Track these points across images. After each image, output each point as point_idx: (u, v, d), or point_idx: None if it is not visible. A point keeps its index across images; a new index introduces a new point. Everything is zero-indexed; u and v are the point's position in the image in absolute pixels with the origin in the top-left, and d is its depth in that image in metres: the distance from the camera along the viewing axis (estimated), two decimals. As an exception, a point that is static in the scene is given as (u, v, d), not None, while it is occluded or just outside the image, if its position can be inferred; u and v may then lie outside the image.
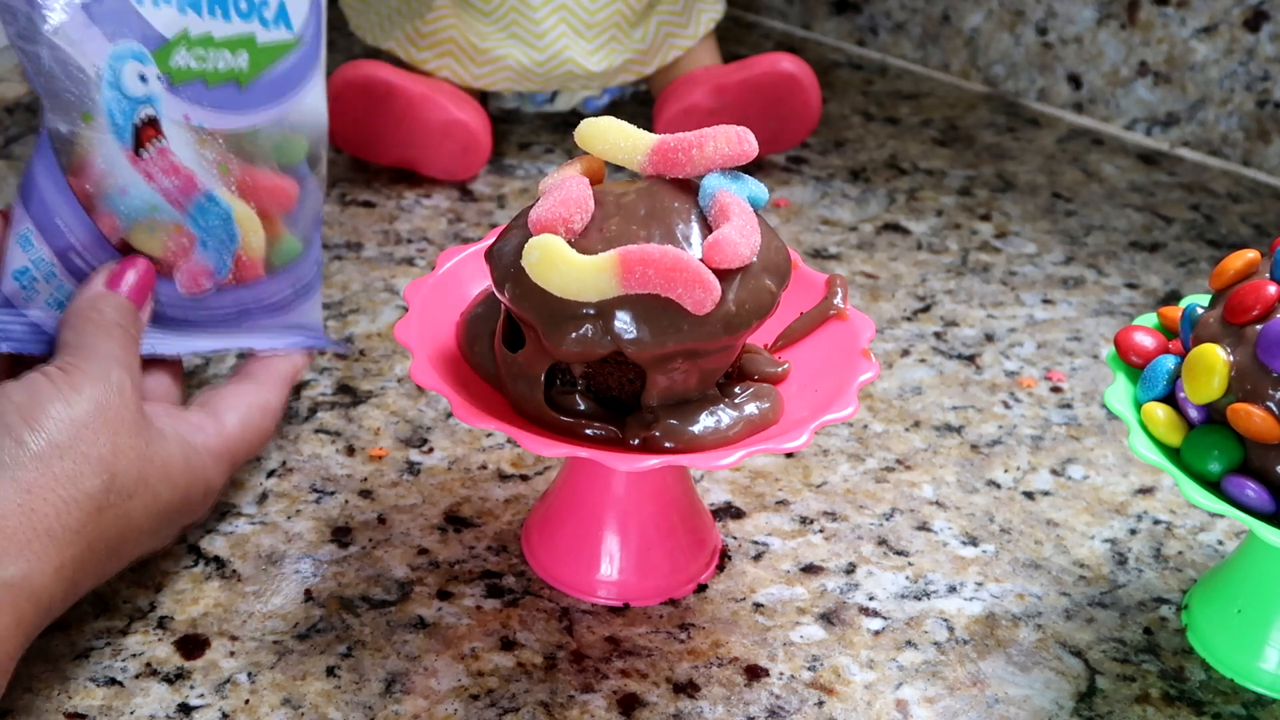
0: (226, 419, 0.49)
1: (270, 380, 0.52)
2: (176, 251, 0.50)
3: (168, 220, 0.50)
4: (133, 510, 0.44)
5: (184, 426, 0.48)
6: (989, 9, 0.90)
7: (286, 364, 0.54)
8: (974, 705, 0.48)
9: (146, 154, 0.48)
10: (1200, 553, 0.55)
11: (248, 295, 0.53)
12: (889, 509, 0.56)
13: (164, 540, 0.48)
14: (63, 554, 0.42)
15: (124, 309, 0.47)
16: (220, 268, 0.52)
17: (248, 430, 0.50)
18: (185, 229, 0.50)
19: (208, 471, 0.48)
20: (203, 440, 0.48)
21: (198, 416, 0.49)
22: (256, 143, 0.51)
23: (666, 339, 0.42)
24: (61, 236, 0.48)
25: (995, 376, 0.65)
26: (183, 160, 0.49)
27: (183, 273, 0.51)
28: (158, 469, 0.45)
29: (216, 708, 0.46)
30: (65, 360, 0.45)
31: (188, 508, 0.47)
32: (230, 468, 0.49)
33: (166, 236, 0.50)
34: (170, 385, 0.51)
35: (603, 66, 0.77)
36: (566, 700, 0.47)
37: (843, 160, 0.82)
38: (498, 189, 0.77)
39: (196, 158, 0.50)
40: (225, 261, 0.52)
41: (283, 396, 0.53)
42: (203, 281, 0.51)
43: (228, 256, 0.52)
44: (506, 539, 0.53)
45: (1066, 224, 0.77)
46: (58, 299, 0.49)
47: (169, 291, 0.51)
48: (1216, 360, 0.44)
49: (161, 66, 0.48)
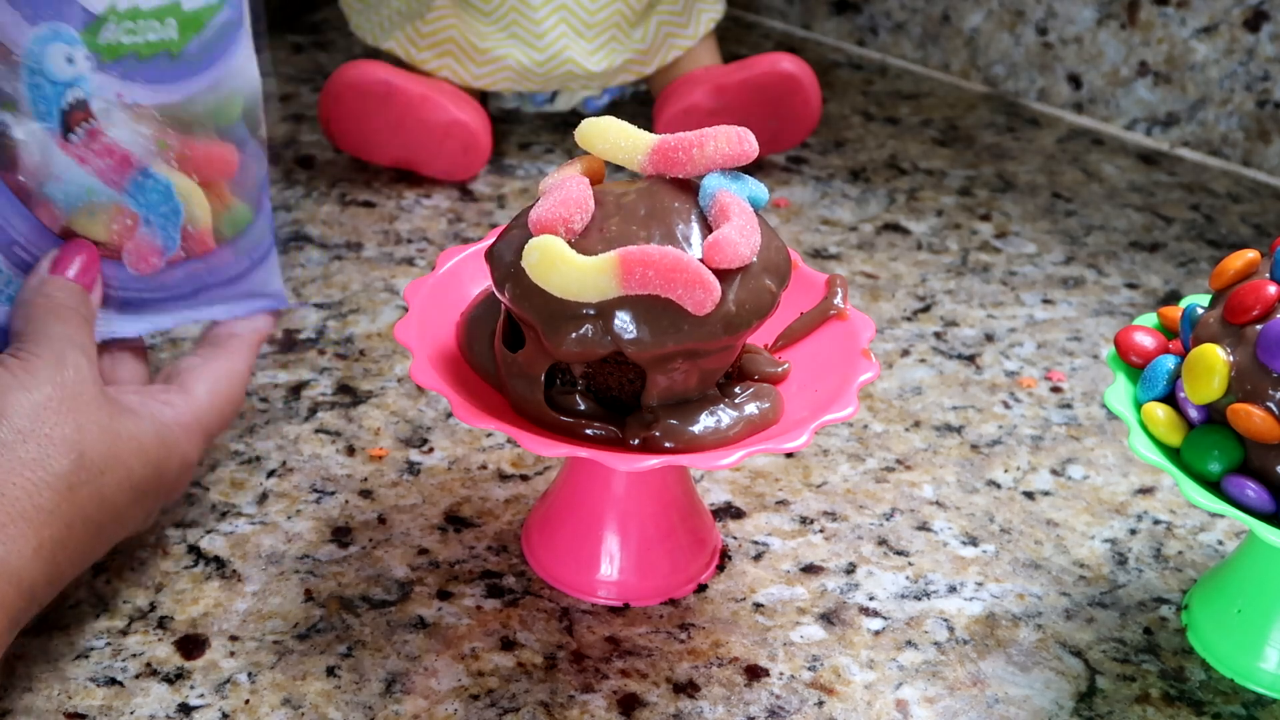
0: (196, 391, 0.50)
1: (236, 347, 0.52)
2: (121, 232, 0.50)
3: (106, 202, 0.49)
4: (106, 487, 0.44)
5: (153, 403, 0.48)
6: (989, 9, 0.90)
7: (250, 329, 0.53)
8: (974, 705, 0.48)
9: (76, 137, 0.47)
10: (1200, 553, 0.55)
11: (201, 267, 0.52)
12: (889, 509, 0.56)
13: (146, 519, 0.48)
14: (39, 535, 0.42)
15: (73, 291, 0.47)
16: (168, 243, 0.51)
17: (218, 400, 0.50)
18: (126, 208, 0.49)
19: (182, 445, 0.48)
20: (173, 414, 0.48)
21: (166, 392, 0.49)
22: (193, 111, 0.50)
23: (666, 339, 0.42)
24: (2, 232, 0.48)
25: (995, 376, 0.65)
26: (118, 139, 0.48)
27: (130, 252, 0.50)
28: (128, 443, 0.45)
29: (216, 708, 0.46)
30: (18, 348, 0.45)
31: (164, 483, 0.47)
32: (205, 439, 0.49)
33: (109, 218, 0.49)
34: (135, 365, 0.51)
35: (603, 66, 0.77)
36: (566, 700, 0.47)
37: (843, 160, 0.82)
38: (498, 189, 0.77)
39: (133, 135, 0.49)
40: (173, 236, 0.51)
41: (250, 362, 0.53)
42: (152, 259, 0.51)
43: (174, 231, 0.51)
44: (506, 539, 0.53)
45: (1066, 224, 0.77)
46: (7, 294, 0.48)
47: (120, 273, 0.50)
48: (1216, 360, 0.44)
49: (90, 45, 0.47)
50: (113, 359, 0.50)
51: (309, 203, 0.74)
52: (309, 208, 0.73)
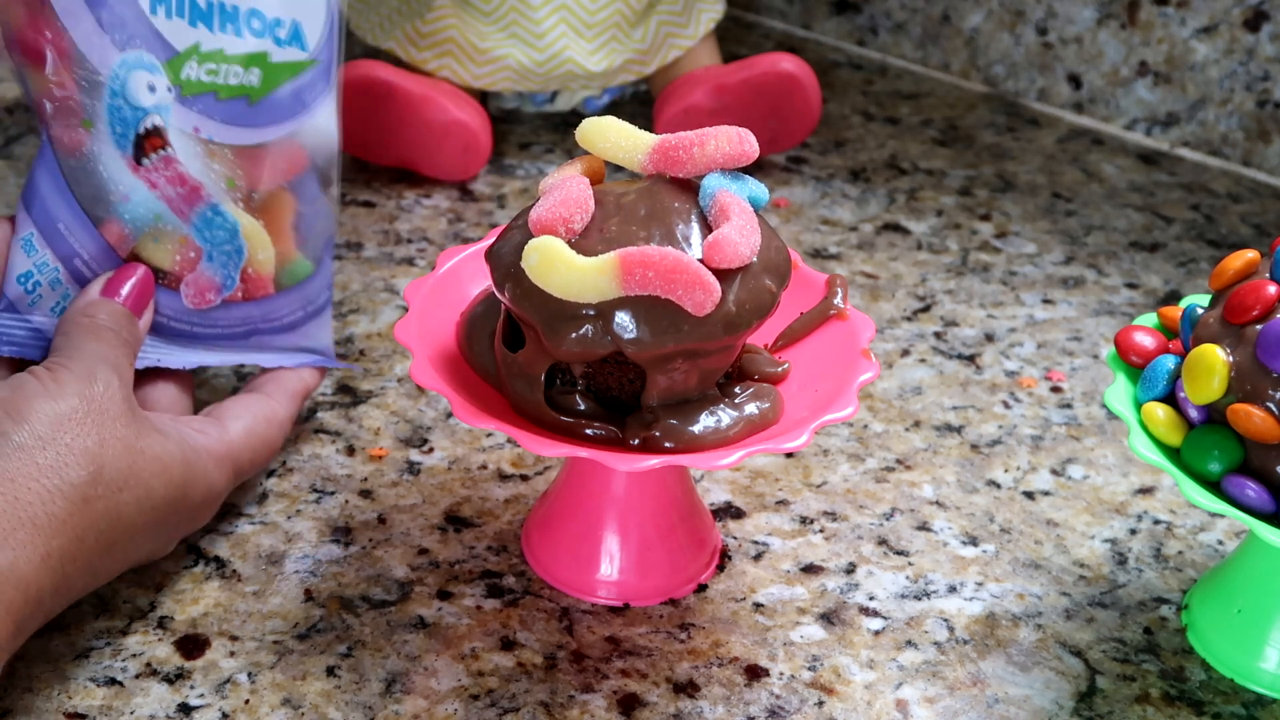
0: (230, 425, 0.50)
1: (279, 393, 0.53)
2: (183, 264, 0.51)
3: (173, 231, 0.50)
4: (123, 503, 0.44)
5: (185, 428, 0.48)
6: (989, 9, 0.90)
7: (296, 378, 0.54)
8: (974, 705, 0.48)
9: (149, 162, 0.48)
10: (1200, 553, 0.55)
11: (256, 312, 0.53)
12: (889, 509, 0.56)
13: (164, 544, 0.48)
14: (49, 544, 0.42)
15: (117, 314, 0.48)
16: (227, 281, 0.52)
17: (252, 438, 0.50)
18: (191, 240, 0.50)
19: (209, 473, 0.48)
20: (204, 442, 0.48)
21: (200, 422, 0.49)
22: (262, 157, 0.51)
23: (666, 339, 0.42)
24: (64, 242, 0.48)
25: (995, 376, 0.65)
26: (190, 171, 0.49)
27: (189, 285, 0.51)
28: (151, 463, 0.45)
29: (216, 708, 0.46)
30: (52, 360, 0.45)
31: (187, 508, 0.47)
32: (234, 473, 0.50)
33: (174, 248, 0.50)
34: (177, 396, 0.51)
35: (603, 66, 0.77)
36: (566, 700, 0.47)
37: (843, 160, 0.82)
38: (498, 189, 0.77)
39: (204, 169, 0.50)
40: (232, 275, 0.52)
41: (291, 410, 0.53)
42: (209, 295, 0.51)
43: (234, 270, 0.52)
44: (506, 539, 0.54)
45: (1066, 224, 0.77)
46: (63, 306, 0.49)
47: (175, 303, 0.51)
48: (1216, 361, 0.44)
49: (172, 78, 0.48)
50: (155, 387, 0.51)
51: (309, 203, 0.74)
52: (309, 208, 0.73)
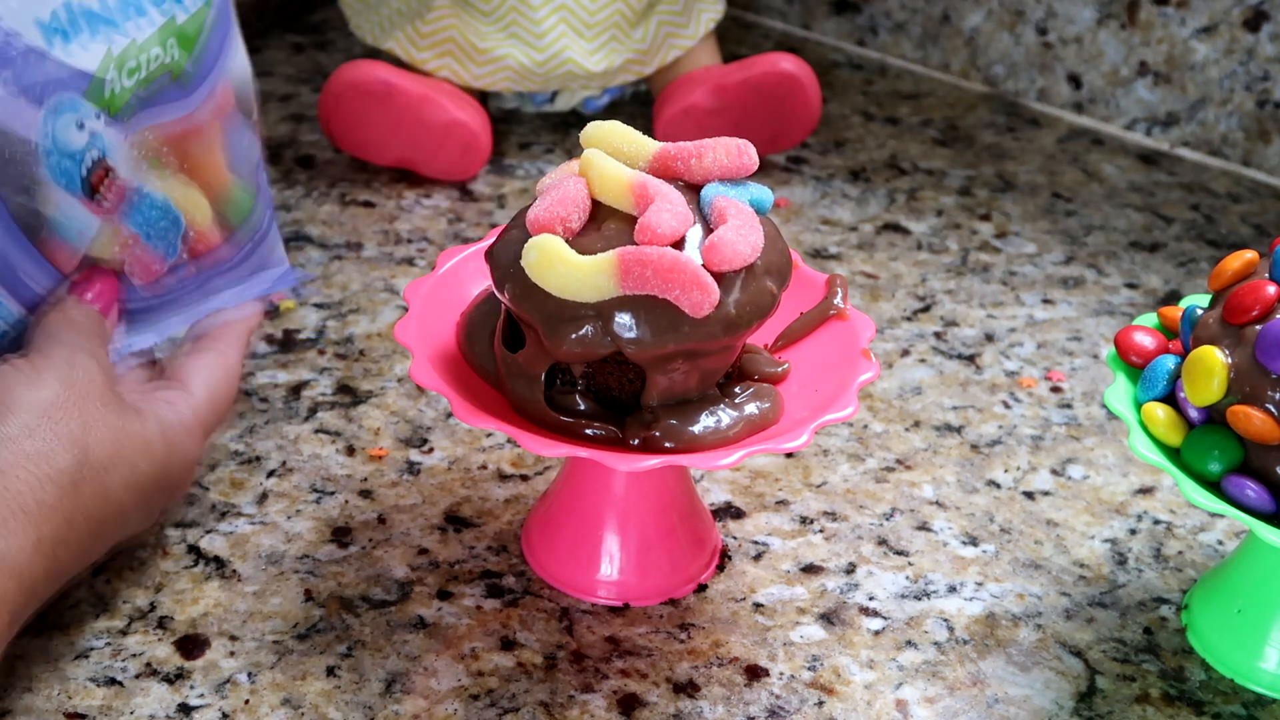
0: (195, 391, 0.50)
1: (228, 339, 0.53)
2: (123, 250, 0.50)
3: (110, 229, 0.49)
4: (111, 484, 0.44)
5: (158, 405, 0.48)
6: (989, 9, 0.90)
7: (241, 322, 0.54)
8: (974, 705, 0.48)
9: (100, 195, 0.48)
10: (1200, 553, 0.55)
11: (206, 263, 0.53)
12: (889, 509, 0.56)
13: (148, 519, 0.48)
14: (40, 530, 0.42)
15: (89, 312, 0.48)
16: (169, 251, 0.51)
17: (216, 397, 0.51)
18: (124, 229, 0.50)
19: (185, 445, 0.48)
20: (176, 415, 0.48)
21: (166, 390, 0.49)
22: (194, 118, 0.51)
23: (666, 339, 0.42)
24: (28, 289, 0.48)
25: (995, 376, 0.65)
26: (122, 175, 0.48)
27: (131, 266, 0.50)
28: (134, 442, 0.45)
29: (216, 708, 0.46)
30: (30, 351, 0.46)
31: (169, 482, 0.47)
32: (205, 436, 0.50)
33: (111, 242, 0.49)
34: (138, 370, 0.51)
35: (603, 66, 0.77)
36: (566, 700, 0.47)
37: (843, 160, 0.82)
38: (498, 189, 0.77)
39: (130, 162, 0.49)
40: (173, 244, 0.51)
41: (241, 353, 0.53)
42: (154, 268, 0.51)
43: (175, 239, 0.51)
44: (506, 539, 0.53)
45: (1066, 224, 0.77)
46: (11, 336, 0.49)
47: (126, 289, 0.50)
48: (1216, 363, 0.44)
49: (98, 103, 0.46)
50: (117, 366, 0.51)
51: (309, 203, 0.74)
52: (309, 208, 0.73)
